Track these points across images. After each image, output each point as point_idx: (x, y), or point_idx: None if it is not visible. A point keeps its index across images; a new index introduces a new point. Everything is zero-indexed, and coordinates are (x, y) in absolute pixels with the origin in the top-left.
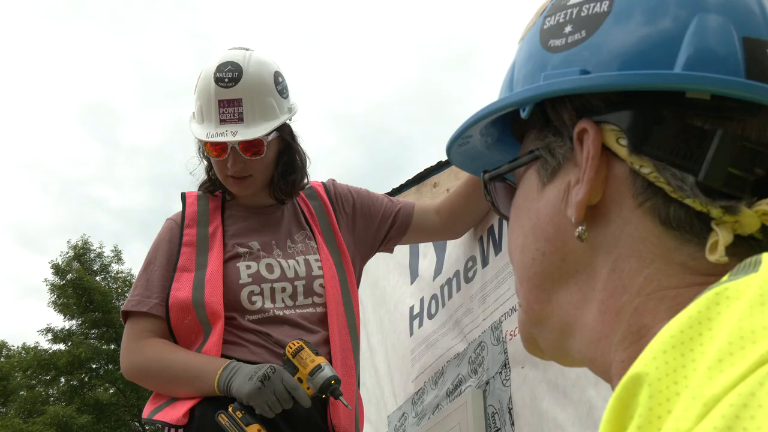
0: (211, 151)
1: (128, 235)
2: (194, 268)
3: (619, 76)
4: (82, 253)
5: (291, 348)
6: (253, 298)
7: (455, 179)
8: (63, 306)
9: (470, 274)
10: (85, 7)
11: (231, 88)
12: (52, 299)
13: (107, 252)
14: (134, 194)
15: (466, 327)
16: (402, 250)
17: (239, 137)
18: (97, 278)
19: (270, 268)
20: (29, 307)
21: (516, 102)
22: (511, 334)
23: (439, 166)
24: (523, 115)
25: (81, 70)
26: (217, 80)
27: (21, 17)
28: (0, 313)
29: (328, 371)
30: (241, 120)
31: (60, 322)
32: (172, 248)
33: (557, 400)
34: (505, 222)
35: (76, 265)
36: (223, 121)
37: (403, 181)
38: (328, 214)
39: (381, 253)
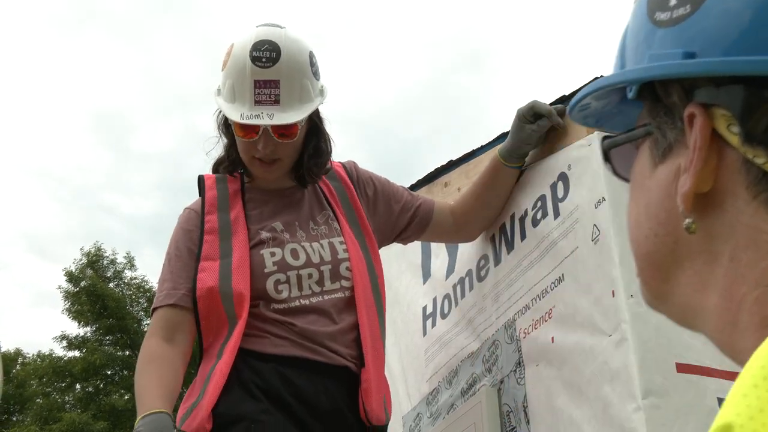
0: (241, 132)
1: (140, 242)
2: (218, 256)
3: (725, 63)
4: (95, 260)
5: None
6: (280, 287)
7: (466, 178)
8: (77, 313)
9: (483, 273)
10: (96, 16)
11: (269, 69)
12: (66, 306)
13: (120, 258)
14: (145, 201)
15: (479, 326)
16: (414, 251)
17: (276, 121)
18: (111, 285)
19: (295, 254)
20: (43, 314)
21: (621, 81)
22: (524, 332)
23: (450, 166)
24: (630, 95)
25: (91, 78)
26: (254, 59)
27: (32, 27)
28: (14, 321)
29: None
30: (277, 102)
31: (74, 329)
32: (193, 237)
33: (572, 398)
34: (517, 221)
35: (89, 272)
36: (258, 103)
37: (414, 181)
38: (350, 195)
39: (393, 254)
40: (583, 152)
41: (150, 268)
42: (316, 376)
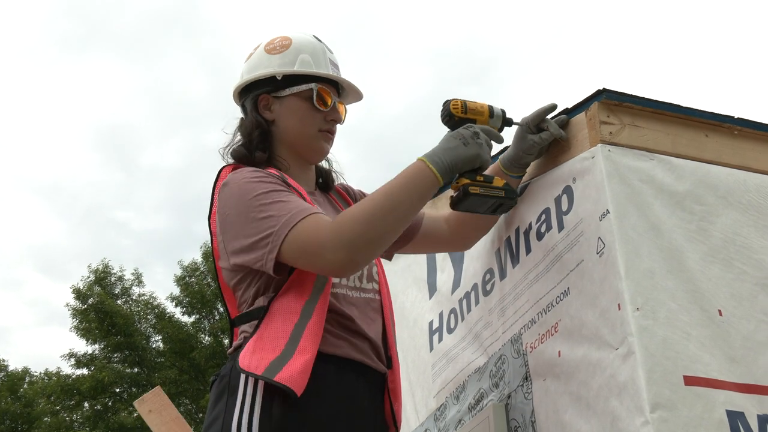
0: (325, 99)
1: (150, 258)
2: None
3: None
4: (102, 277)
5: (456, 107)
6: None
7: None
8: (85, 330)
9: (488, 287)
10: (102, 34)
11: (332, 54)
12: (75, 324)
13: (128, 275)
14: (155, 217)
15: (485, 340)
16: (420, 266)
17: (348, 89)
18: (119, 302)
19: None
20: (52, 333)
21: None
22: (531, 347)
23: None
24: None
25: (99, 95)
26: (323, 44)
27: (40, 45)
28: (23, 340)
29: (497, 107)
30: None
31: (83, 346)
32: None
33: (580, 412)
34: (522, 235)
35: (97, 289)
36: (336, 76)
37: None
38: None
39: (399, 269)
40: (587, 165)
41: (159, 284)
42: (364, 380)
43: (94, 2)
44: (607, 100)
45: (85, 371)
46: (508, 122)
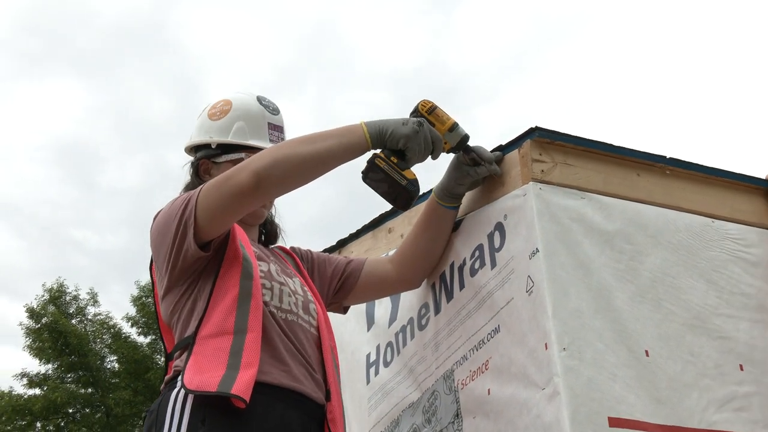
0: None
1: (107, 278)
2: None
3: None
4: (57, 296)
5: (425, 106)
6: (264, 291)
7: (408, 225)
8: (38, 350)
9: (423, 322)
10: (62, 50)
11: (277, 116)
12: (28, 343)
13: (83, 294)
14: (113, 237)
15: (420, 375)
16: None
17: None
18: (73, 321)
19: (278, 272)
20: (6, 353)
21: None
22: (462, 383)
23: (394, 212)
24: None
25: (59, 113)
26: (264, 106)
27: None
28: None
29: (463, 129)
30: None
31: (36, 366)
32: None
33: None
34: (456, 270)
35: (51, 308)
36: (272, 142)
37: (360, 227)
38: (298, 263)
39: None
40: (518, 202)
41: (116, 304)
42: (298, 411)
43: (54, 19)
44: (540, 138)
45: (37, 391)
46: (463, 145)
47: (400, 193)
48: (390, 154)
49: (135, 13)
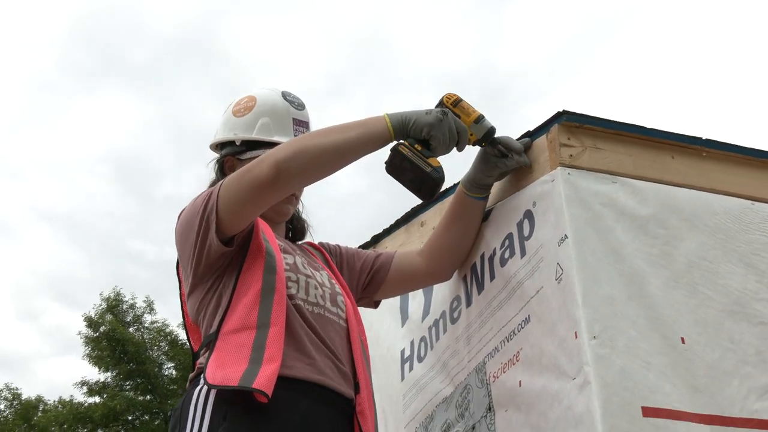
0: None
1: (165, 288)
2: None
3: None
4: (114, 305)
5: (450, 98)
6: (289, 284)
7: (441, 217)
8: (97, 358)
9: (456, 315)
10: (116, 65)
11: (302, 111)
12: (87, 352)
13: (140, 303)
14: (171, 247)
15: (452, 369)
16: None
17: None
18: (131, 329)
19: (304, 264)
20: (69, 362)
21: None
22: (494, 376)
23: (425, 205)
24: None
25: (115, 127)
26: (289, 101)
27: (55, 78)
28: (41, 369)
29: (489, 122)
30: None
31: (95, 374)
32: None
33: None
34: (486, 261)
35: (109, 317)
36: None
37: (392, 222)
38: (327, 258)
39: None
40: (547, 188)
41: (171, 313)
42: (324, 406)
43: (108, 35)
44: (568, 122)
45: (97, 399)
46: (489, 137)
47: (424, 181)
48: (414, 143)
49: (185, 25)
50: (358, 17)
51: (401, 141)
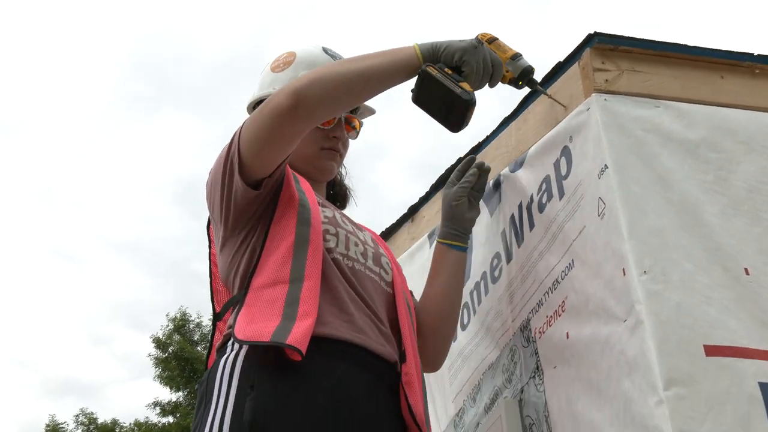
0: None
1: None
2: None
3: None
4: (181, 325)
5: (485, 36)
6: (327, 237)
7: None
8: (168, 379)
9: (496, 273)
10: (172, 89)
11: None
12: (157, 373)
13: (206, 321)
14: None
15: (497, 332)
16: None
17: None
18: (198, 348)
19: (344, 220)
20: (143, 385)
21: None
22: (540, 332)
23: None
24: None
25: (174, 150)
26: (330, 56)
27: (112, 107)
28: (116, 394)
29: (527, 60)
30: None
31: (167, 394)
32: None
33: (591, 399)
34: (525, 210)
35: (176, 337)
36: None
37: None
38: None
39: (415, 270)
40: (582, 119)
41: None
42: (365, 370)
43: (161, 60)
44: (601, 44)
45: (170, 419)
46: (526, 75)
47: (454, 104)
48: (444, 67)
49: (236, 45)
50: (398, 27)
51: (430, 63)
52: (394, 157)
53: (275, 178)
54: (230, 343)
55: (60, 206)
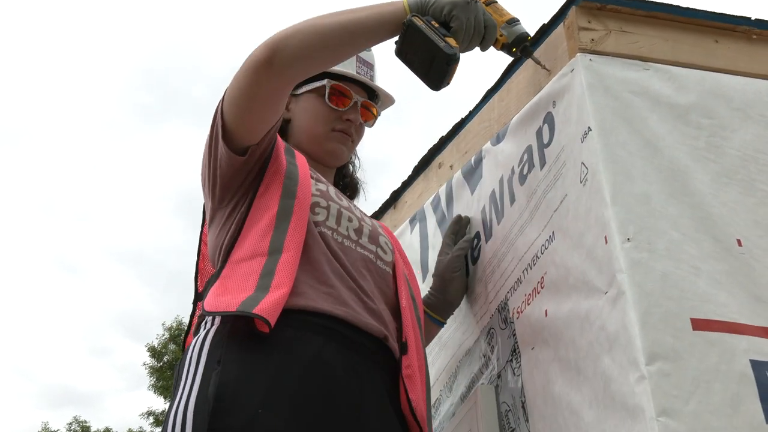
0: (334, 98)
1: None
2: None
3: None
4: (177, 334)
5: None
6: (317, 210)
7: (458, 154)
8: (162, 388)
9: (476, 254)
10: (177, 102)
11: (368, 52)
12: (152, 382)
13: None
14: None
15: (476, 315)
16: (413, 248)
17: (376, 89)
18: None
19: (338, 196)
20: (141, 396)
21: None
22: (517, 312)
23: (440, 145)
24: None
25: (178, 162)
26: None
27: (117, 118)
28: (115, 404)
29: (524, 27)
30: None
31: (161, 404)
32: None
33: (570, 380)
34: (506, 184)
35: (172, 346)
36: (359, 74)
37: (411, 172)
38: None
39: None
40: (566, 81)
41: None
42: (344, 346)
43: (168, 73)
44: (587, 2)
45: None
46: (521, 42)
47: (435, 58)
48: (431, 20)
49: (241, 58)
50: None
51: (416, 14)
52: (397, 172)
53: (263, 147)
54: (203, 322)
55: (63, 217)
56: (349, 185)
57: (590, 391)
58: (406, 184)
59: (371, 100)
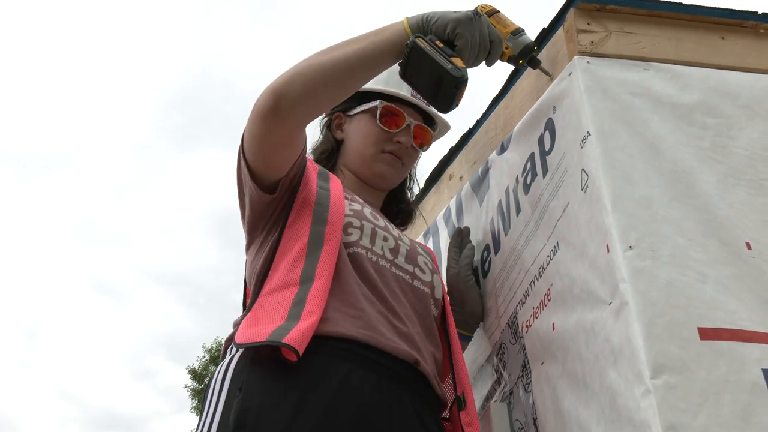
0: (386, 119)
1: None
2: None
3: None
4: (216, 356)
5: (485, 8)
6: (350, 230)
7: (467, 165)
8: None
9: (486, 267)
10: (210, 123)
11: None
12: (194, 404)
13: None
14: None
15: (488, 330)
16: None
17: (433, 114)
18: None
19: (374, 216)
20: (183, 419)
21: None
22: (526, 326)
23: (450, 155)
24: None
25: (213, 184)
26: None
27: (153, 141)
28: (157, 428)
29: (530, 37)
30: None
31: None
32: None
33: (578, 396)
34: (511, 194)
35: (212, 368)
36: (412, 95)
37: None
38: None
39: None
40: (564, 85)
41: None
42: (376, 374)
43: (201, 94)
44: (585, 3)
45: None
46: (527, 53)
47: (443, 81)
48: (435, 39)
49: (271, 77)
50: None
51: (419, 35)
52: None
53: (291, 177)
54: (229, 348)
55: (102, 241)
56: (403, 212)
57: (597, 407)
58: (419, 199)
59: (426, 124)
